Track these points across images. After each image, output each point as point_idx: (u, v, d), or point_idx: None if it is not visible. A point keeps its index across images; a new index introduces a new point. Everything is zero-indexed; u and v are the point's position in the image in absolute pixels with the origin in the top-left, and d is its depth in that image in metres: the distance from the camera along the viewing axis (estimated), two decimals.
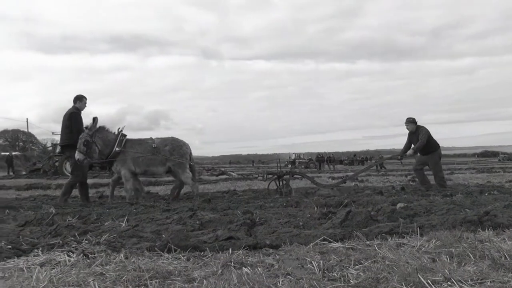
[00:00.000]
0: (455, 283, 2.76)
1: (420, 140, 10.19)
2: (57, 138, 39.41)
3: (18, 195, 11.45)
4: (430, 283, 2.75)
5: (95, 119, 8.54)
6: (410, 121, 10.56)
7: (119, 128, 8.84)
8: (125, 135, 8.89)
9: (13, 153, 40.06)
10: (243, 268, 3.23)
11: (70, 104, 8.67)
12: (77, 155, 8.20)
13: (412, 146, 10.51)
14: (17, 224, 5.49)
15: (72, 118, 8.57)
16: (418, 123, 10.64)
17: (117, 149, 8.57)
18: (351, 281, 2.91)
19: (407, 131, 10.66)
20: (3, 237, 4.42)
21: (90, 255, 3.61)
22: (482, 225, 4.53)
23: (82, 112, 8.80)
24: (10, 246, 3.91)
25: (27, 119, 50.05)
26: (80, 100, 8.74)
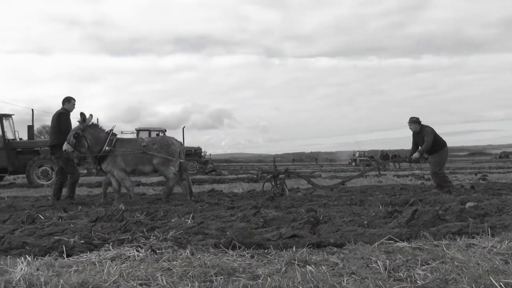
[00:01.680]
0: None
1: (426, 141, 9.53)
2: (126, 137, 40.55)
3: (89, 192, 11.94)
4: (503, 285, 2.64)
5: (82, 114, 8.61)
6: (414, 121, 9.86)
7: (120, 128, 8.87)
8: (115, 135, 8.89)
9: None
10: (307, 266, 3.22)
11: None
12: (65, 146, 8.27)
13: (419, 148, 9.89)
14: (89, 220, 5.72)
15: (61, 119, 8.75)
16: (424, 123, 9.97)
17: (107, 148, 8.57)
18: (418, 281, 2.84)
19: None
20: (76, 232, 4.63)
21: (157, 251, 3.72)
22: None
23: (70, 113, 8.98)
24: (83, 241, 4.09)
25: (97, 119, 52.02)
26: (68, 101, 8.93)
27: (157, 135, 26.75)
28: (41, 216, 5.91)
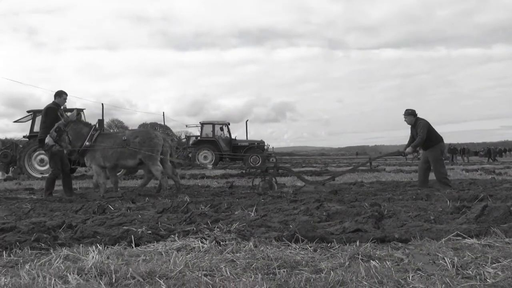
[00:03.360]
0: None
1: (419, 135, 9.04)
2: (190, 130, 40.81)
3: (155, 183, 12.27)
4: None
5: (78, 111, 8.68)
6: (409, 113, 9.38)
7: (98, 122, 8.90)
8: (97, 130, 8.94)
9: None
10: (371, 261, 3.18)
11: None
12: (47, 139, 8.45)
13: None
14: (155, 211, 5.91)
15: (47, 113, 8.89)
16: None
17: (87, 143, 8.62)
18: (487, 280, 2.74)
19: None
20: (144, 222, 4.78)
21: (221, 243, 3.78)
22: None
23: (62, 107, 9.13)
24: (150, 231, 4.22)
25: (163, 112, 53.16)
26: (59, 96, 9.05)
27: (221, 128, 27.10)
28: (110, 207, 6.17)
